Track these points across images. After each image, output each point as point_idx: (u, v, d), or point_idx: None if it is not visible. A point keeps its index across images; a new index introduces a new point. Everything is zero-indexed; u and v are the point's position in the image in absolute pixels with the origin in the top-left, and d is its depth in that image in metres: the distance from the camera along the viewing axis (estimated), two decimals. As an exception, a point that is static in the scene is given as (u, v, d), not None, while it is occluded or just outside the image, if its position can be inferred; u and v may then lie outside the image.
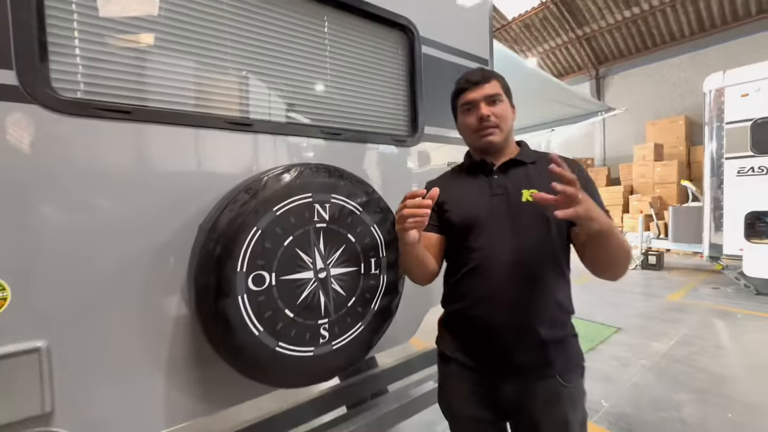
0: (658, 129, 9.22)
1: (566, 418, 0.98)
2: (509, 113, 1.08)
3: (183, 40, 1.09)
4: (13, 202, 0.85)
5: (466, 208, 1.04)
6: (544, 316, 0.98)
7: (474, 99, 1.05)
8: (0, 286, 0.83)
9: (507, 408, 1.02)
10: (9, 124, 0.85)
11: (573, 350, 1.03)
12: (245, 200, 0.96)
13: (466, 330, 1.07)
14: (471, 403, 1.05)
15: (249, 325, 0.95)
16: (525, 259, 0.98)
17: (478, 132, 1.06)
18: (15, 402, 0.85)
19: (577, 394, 1.02)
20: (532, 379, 0.99)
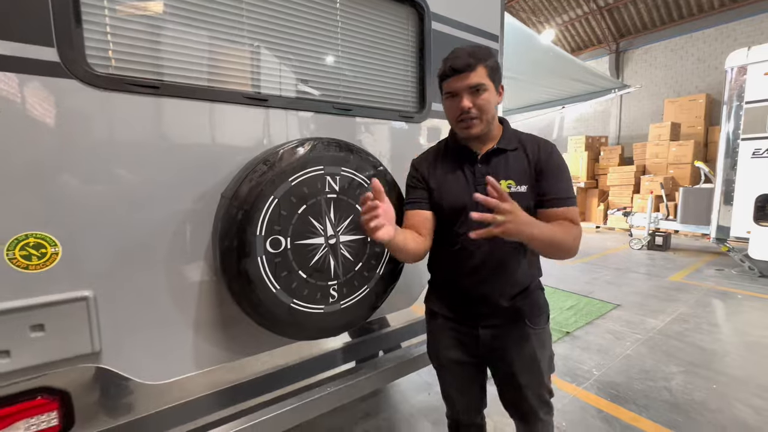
0: (677, 107, 8.94)
1: (535, 354, 1.17)
2: (493, 100, 1.08)
3: (206, 18, 1.15)
4: (59, 168, 0.96)
5: (452, 197, 1.12)
6: (514, 282, 1.15)
7: (456, 89, 1.05)
8: (53, 242, 0.96)
9: (484, 351, 1.19)
10: (53, 97, 0.94)
11: (539, 300, 1.21)
12: (263, 171, 1.05)
13: (449, 294, 1.23)
14: (455, 349, 1.23)
15: (267, 283, 1.07)
16: (501, 243, 1.04)
17: (459, 122, 1.09)
18: (70, 341, 0.99)
19: (544, 335, 1.21)
20: (505, 324, 1.16)
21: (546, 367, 1.21)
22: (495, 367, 1.24)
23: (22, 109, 0.91)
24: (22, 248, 0.92)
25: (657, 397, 2.26)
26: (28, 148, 0.92)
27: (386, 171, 1.34)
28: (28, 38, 0.90)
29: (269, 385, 1.33)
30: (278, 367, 1.40)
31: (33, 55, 0.91)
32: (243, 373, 1.35)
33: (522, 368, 1.18)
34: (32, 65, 0.91)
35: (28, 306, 0.93)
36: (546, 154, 1.10)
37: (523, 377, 1.18)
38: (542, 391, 1.22)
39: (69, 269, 0.98)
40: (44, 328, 0.95)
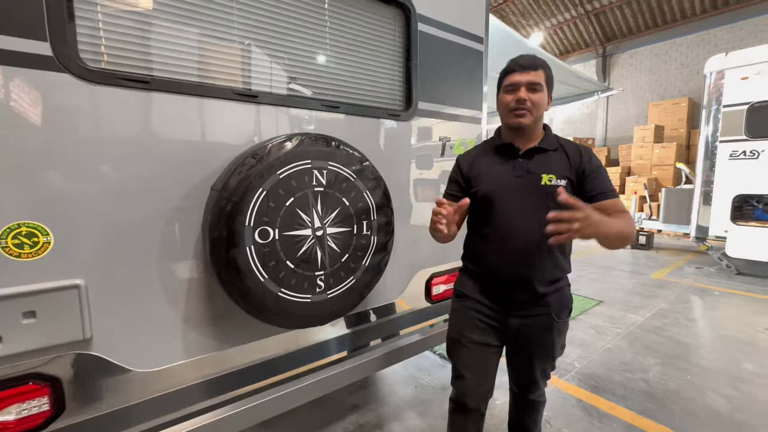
0: (660, 110, 9.18)
1: (553, 343, 1.32)
2: (544, 102, 1.22)
3: (197, 15, 1.19)
4: (51, 159, 0.98)
5: (492, 184, 1.23)
6: (544, 274, 1.25)
7: (518, 82, 1.19)
8: (45, 231, 0.98)
9: (508, 336, 1.32)
10: (46, 90, 0.97)
11: (565, 296, 1.32)
12: (252, 164, 1.09)
13: (483, 279, 1.33)
14: (480, 332, 1.33)
15: (256, 273, 1.11)
16: (534, 231, 1.17)
17: (512, 111, 1.21)
18: (61, 328, 1.01)
19: (564, 327, 1.34)
20: (533, 315, 1.28)
21: (558, 351, 1.36)
22: (514, 352, 1.37)
23: (15, 101, 0.93)
24: (14, 237, 0.94)
25: (634, 388, 2.34)
26: (19, 140, 0.94)
27: (372, 166, 1.38)
28: (21, 32, 0.92)
29: (265, 372, 1.37)
30: (276, 354, 1.44)
31: (26, 49, 0.93)
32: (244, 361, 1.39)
33: (539, 355, 1.33)
34: (25, 59, 0.93)
35: (20, 293, 0.95)
36: (587, 157, 1.24)
37: (538, 361, 1.34)
38: (547, 368, 1.39)
39: (60, 258, 1.01)
40: (36, 315, 0.97)
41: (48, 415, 1.01)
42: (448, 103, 1.91)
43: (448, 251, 1.99)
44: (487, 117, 2.14)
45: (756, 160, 4.59)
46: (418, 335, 1.84)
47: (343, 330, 1.61)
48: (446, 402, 1.46)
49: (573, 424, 2.00)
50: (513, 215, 1.22)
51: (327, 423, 2.03)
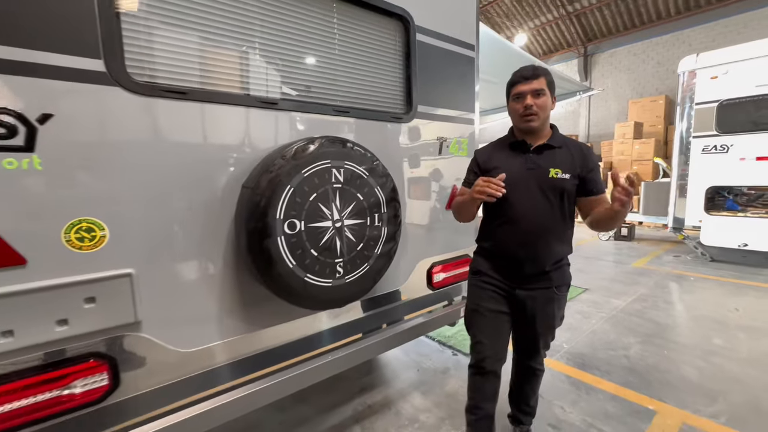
0: (639, 107, 9.56)
1: (554, 313, 1.53)
2: (548, 104, 1.43)
3: (225, 35, 1.33)
4: (106, 161, 1.11)
5: (508, 173, 1.39)
6: (550, 254, 1.46)
7: (523, 91, 1.40)
8: (101, 226, 1.11)
9: (516, 306, 1.52)
10: (100, 101, 1.10)
11: (565, 273, 1.54)
12: (281, 164, 1.24)
13: (496, 257, 1.54)
14: (494, 301, 1.53)
15: (286, 260, 1.26)
16: (542, 216, 1.42)
17: (522, 117, 1.42)
18: (116, 312, 1.14)
19: (563, 299, 1.56)
20: (538, 289, 1.49)
21: (557, 322, 1.57)
22: (521, 320, 1.55)
23: (75, 112, 1.06)
24: (76, 231, 1.07)
25: (617, 364, 2.57)
26: (78, 145, 1.07)
27: (382, 164, 1.54)
28: (80, 51, 1.05)
29: (289, 353, 1.52)
30: (299, 337, 1.59)
31: (84, 66, 1.06)
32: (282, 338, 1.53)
33: (541, 323, 1.52)
34: (83, 75, 1.06)
35: (83, 281, 1.08)
36: (588, 156, 1.46)
37: (541, 329, 1.54)
38: (548, 337, 1.61)
39: (115, 250, 1.14)
40: (95, 301, 1.10)
41: (106, 389, 1.15)
42: (443, 106, 2.09)
43: (445, 243, 2.18)
44: (479, 118, 2.32)
45: (726, 153, 4.91)
46: (422, 318, 2.01)
47: (359, 314, 1.76)
48: (448, 383, 1.65)
49: (563, 397, 2.20)
50: (525, 202, 1.41)
51: (337, 405, 2.18)
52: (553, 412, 2.07)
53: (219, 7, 1.31)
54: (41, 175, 1.02)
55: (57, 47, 1.01)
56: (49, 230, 1.04)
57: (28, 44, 0.97)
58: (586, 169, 1.44)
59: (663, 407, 2.08)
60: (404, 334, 1.91)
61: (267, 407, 2.09)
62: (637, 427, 1.93)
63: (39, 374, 1.04)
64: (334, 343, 1.73)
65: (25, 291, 1.00)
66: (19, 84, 0.97)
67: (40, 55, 0.99)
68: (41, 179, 1.02)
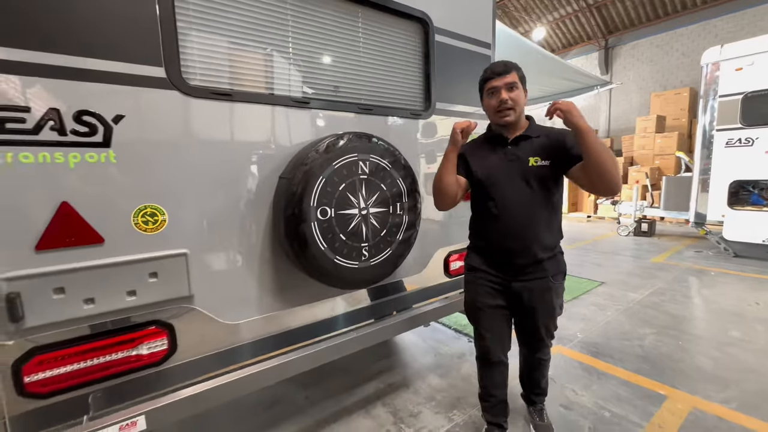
0: (662, 100, 9.34)
1: (552, 302, 1.54)
2: (522, 97, 1.46)
3: (262, 41, 1.48)
4: (167, 155, 1.29)
5: (488, 169, 1.48)
6: (540, 243, 1.47)
7: (496, 86, 1.42)
8: (162, 211, 1.29)
9: (513, 299, 1.54)
10: (162, 105, 1.27)
11: (559, 262, 1.55)
12: (315, 157, 1.39)
13: (488, 253, 1.56)
14: (490, 296, 1.57)
15: (318, 243, 1.41)
16: (528, 206, 1.44)
17: (498, 112, 1.45)
18: (173, 286, 1.32)
19: (560, 288, 1.57)
20: (532, 279, 1.50)
21: (557, 311, 1.58)
22: (520, 311, 1.57)
23: (140, 113, 1.23)
24: (142, 216, 1.25)
25: (630, 352, 2.63)
26: (144, 141, 1.25)
27: (403, 157, 1.67)
28: (145, 61, 1.22)
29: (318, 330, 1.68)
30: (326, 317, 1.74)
31: (148, 73, 1.23)
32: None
33: (541, 312, 1.54)
34: (148, 81, 1.23)
35: (148, 258, 1.26)
36: (567, 134, 1.45)
37: (540, 319, 1.55)
38: (551, 326, 1.62)
39: (173, 232, 1.31)
40: (158, 276, 1.28)
41: (165, 353, 1.33)
42: (461, 102, 2.20)
43: (462, 233, 2.28)
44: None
45: (751, 147, 4.81)
46: (439, 303, 2.14)
47: (387, 297, 1.91)
48: (463, 367, 1.77)
49: (575, 381, 2.29)
50: (509, 195, 1.44)
51: (359, 384, 2.34)
52: (565, 394, 2.17)
53: (257, 18, 1.47)
54: (115, 167, 1.19)
55: (129, 58, 1.18)
56: (121, 214, 1.22)
57: (108, 56, 1.15)
58: (565, 148, 1.42)
59: (674, 392, 2.15)
60: (424, 316, 2.03)
61: (293, 384, 2.28)
62: (647, 410, 2.01)
63: (114, 336, 1.22)
64: (361, 323, 1.88)
65: (103, 265, 1.19)
66: (99, 90, 1.15)
67: (117, 65, 1.16)
68: (115, 170, 1.20)
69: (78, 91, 1.12)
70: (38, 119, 1.07)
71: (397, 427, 1.93)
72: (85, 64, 1.12)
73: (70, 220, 1.13)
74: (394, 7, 1.82)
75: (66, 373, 1.15)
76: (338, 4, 1.68)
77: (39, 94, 1.07)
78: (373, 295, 1.90)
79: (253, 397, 2.19)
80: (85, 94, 1.13)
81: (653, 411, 2.00)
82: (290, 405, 2.14)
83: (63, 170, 1.11)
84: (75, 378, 1.17)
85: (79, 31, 1.11)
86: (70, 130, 1.11)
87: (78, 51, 1.11)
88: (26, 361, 1.09)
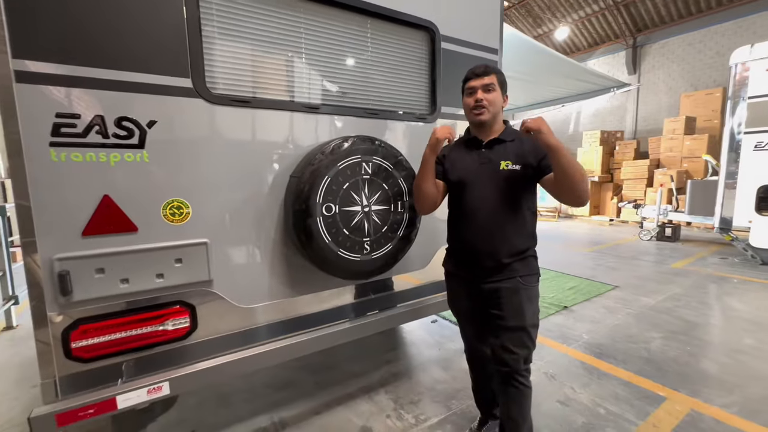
0: (692, 101, 8.99)
1: (522, 305, 1.48)
2: (499, 100, 1.48)
3: (279, 52, 1.64)
4: (192, 155, 1.46)
5: (462, 172, 1.52)
6: (508, 247, 1.47)
7: (474, 86, 1.47)
8: (187, 205, 1.47)
9: (485, 300, 1.53)
10: (188, 111, 1.44)
11: (532, 264, 1.53)
12: (321, 159, 1.53)
13: (460, 254, 1.59)
14: (466, 299, 1.62)
15: (323, 236, 1.55)
16: (497, 209, 1.45)
17: (473, 110, 1.48)
18: (195, 271, 1.49)
19: (532, 292, 1.51)
20: (502, 280, 1.49)
21: (530, 317, 1.48)
22: (491, 313, 1.52)
23: (170, 119, 1.41)
24: (170, 208, 1.43)
25: (635, 355, 2.64)
26: (173, 143, 1.42)
27: (405, 159, 1.79)
28: (175, 72, 1.40)
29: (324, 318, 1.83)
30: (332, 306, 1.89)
31: (178, 84, 1.41)
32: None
33: (510, 314, 1.47)
34: (177, 90, 1.41)
35: (174, 246, 1.44)
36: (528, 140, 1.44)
37: (510, 321, 1.47)
38: (524, 336, 1.47)
39: (196, 224, 1.49)
40: (182, 261, 1.46)
41: (187, 330, 1.50)
42: (466, 107, 2.28)
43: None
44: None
45: (781, 150, 4.62)
46: (442, 297, 2.24)
47: (391, 291, 2.04)
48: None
49: (575, 380, 2.34)
50: (479, 196, 1.46)
51: (366, 372, 2.47)
52: (563, 391, 2.22)
53: (273, 32, 1.63)
54: (148, 166, 1.38)
55: (161, 71, 1.37)
56: (152, 207, 1.40)
57: (145, 70, 1.33)
58: (538, 157, 1.42)
59: (674, 394, 2.17)
60: (425, 309, 2.15)
61: (305, 370, 2.45)
62: (644, 410, 2.04)
63: (145, 312, 1.41)
64: (364, 313, 2.01)
65: (137, 251, 1.37)
66: (137, 99, 1.33)
67: (151, 77, 1.35)
68: (148, 169, 1.38)
69: (119, 101, 1.30)
70: (86, 124, 1.26)
71: (396, 412, 2.06)
72: (126, 77, 1.31)
73: (111, 210, 1.32)
74: (401, 18, 1.94)
75: (104, 342, 1.35)
76: (348, 16, 1.81)
77: (88, 104, 1.26)
78: (378, 288, 2.03)
79: (267, 379, 2.37)
80: (125, 103, 1.32)
81: (650, 411, 2.03)
82: (300, 388, 2.30)
83: (105, 168, 1.30)
84: (112, 347, 1.36)
85: (122, 50, 1.29)
86: (111, 134, 1.30)
87: (121, 66, 1.30)
88: (73, 329, 1.29)
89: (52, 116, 1.21)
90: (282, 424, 1.97)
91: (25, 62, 1.17)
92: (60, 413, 1.23)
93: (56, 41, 1.20)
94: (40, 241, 1.23)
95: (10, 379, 2.49)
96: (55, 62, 1.20)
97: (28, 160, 1.19)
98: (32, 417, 1.20)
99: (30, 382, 2.42)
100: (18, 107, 1.17)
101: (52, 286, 1.25)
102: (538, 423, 1.94)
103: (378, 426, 1.95)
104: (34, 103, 1.19)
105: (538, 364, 2.51)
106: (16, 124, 1.17)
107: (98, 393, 1.31)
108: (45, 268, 1.24)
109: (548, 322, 3.20)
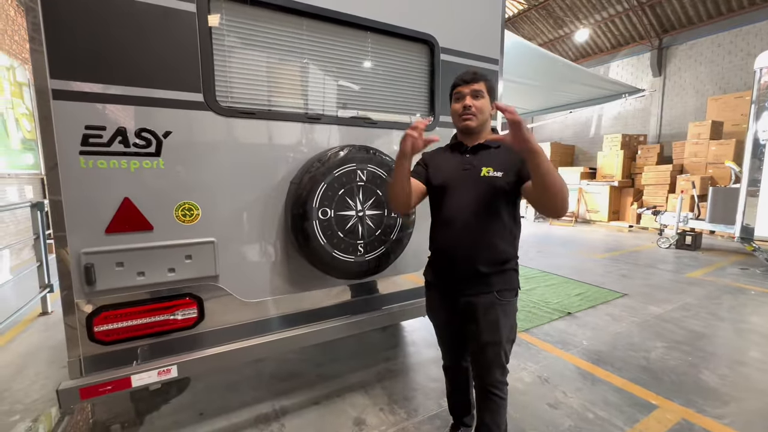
0: (720, 105, 8.66)
1: (497, 321, 1.44)
2: (487, 107, 1.47)
3: (283, 68, 1.78)
4: (202, 163, 1.62)
5: (444, 176, 1.54)
6: (489, 253, 1.43)
7: (462, 92, 1.46)
8: (197, 207, 1.62)
9: (461, 314, 1.50)
10: (199, 123, 1.60)
11: (510, 278, 1.48)
12: (318, 167, 1.66)
13: (438, 263, 1.56)
14: (442, 311, 1.61)
15: (319, 238, 1.68)
16: (478, 216, 1.41)
17: (461, 116, 1.48)
18: (204, 267, 1.65)
19: (510, 307, 1.47)
20: (477, 294, 1.45)
21: (506, 333, 1.45)
22: (467, 328, 1.50)
23: (184, 129, 1.57)
24: (182, 210, 1.59)
25: (634, 363, 2.65)
26: (186, 151, 1.58)
27: (399, 167, 1.90)
28: (188, 88, 1.56)
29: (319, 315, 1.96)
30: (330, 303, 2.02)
31: (190, 98, 1.57)
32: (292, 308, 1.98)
33: (485, 329, 1.44)
34: (190, 104, 1.57)
35: (185, 243, 1.60)
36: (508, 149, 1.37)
37: (485, 336, 1.44)
38: (500, 351, 1.46)
39: (205, 224, 1.64)
40: (192, 258, 1.62)
41: (195, 320, 1.67)
42: (465, 115, 2.37)
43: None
44: (500, 125, 2.56)
45: (807, 158, 4.44)
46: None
47: (387, 290, 2.15)
48: None
49: (567, 384, 2.38)
50: (459, 202, 1.43)
51: (365, 367, 2.59)
52: (554, 395, 2.27)
53: (277, 49, 1.77)
54: (163, 172, 1.54)
55: (176, 87, 1.53)
56: (166, 208, 1.57)
57: (163, 86, 1.50)
58: (518, 164, 1.38)
59: (666, 403, 2.18)
60: (419, 310, 2.24)
61: (309, 363, 2.59)
62: (634, 417, 2.07)
63: (157, 302, 1.57)
64: (359, 312, 2.13)
65: (152, 247, 1.54)
66: (154, 112, 1.50)
67: (168, 93, 1.51)
68: (163, 174, 1.55)
69: (140, 114, 1.47)
70: (111, 135, 1.43)
71: (390, 406, 2.17)
72: (146, 93, 1.48)
73: (130, 211, 1.49)
74: (400, 32, 2.04)
75: (122, 328, 1.52)
76: (349, 32, 1.94)
77: (113, 117, 1.43)
78: (373, 289, 2.15)
79: (272, 370, 2.53)
80: (145, 116, 1.48)
81: (639, 418, 2.06)
82: (303, 379, 2.44)
83: (126, 173, 1.47)
84: (128, 332, 1.54)
85: (143, 70, 1.46)
86: (132, 143, 1.47)
87: (142, 83, 1.46)
88: (96, 315, 1.47)
89: (82, 128, 1.39)
90: (282, 411, 2.12)
91: (61, 82, 1.35)
92: (83, 387, 1.41)
93: (88, 63, 1.38)
94: (69, 237, 1.41)
95: (43, 360, 2.76)
96: (86, 81, 1.38)
97: (62, 166, 1.37)
98: (60, 389, 1.38)
99: (60, 363, 2.66)
100: (54, 120, 1.35)
101: (79, 276, 1.43)
102: (524, 424, 2.01)
103: (371, 418, 2.06)
104: (68, 117, 1.37)
105: (533, 368, 2.57)
106: (51, 135, 1.35)
107: (116, 372, 1.48)
108: (74, 260, 1.42)
109: (550, 327, 3.23)
